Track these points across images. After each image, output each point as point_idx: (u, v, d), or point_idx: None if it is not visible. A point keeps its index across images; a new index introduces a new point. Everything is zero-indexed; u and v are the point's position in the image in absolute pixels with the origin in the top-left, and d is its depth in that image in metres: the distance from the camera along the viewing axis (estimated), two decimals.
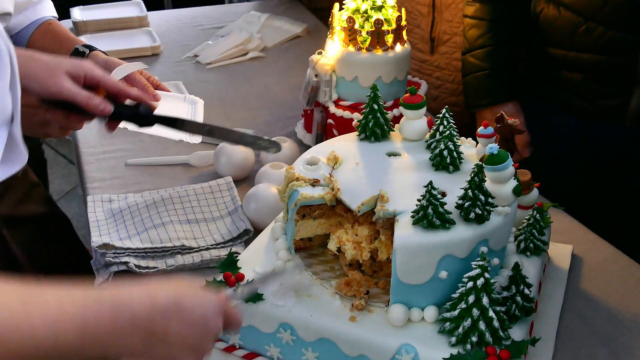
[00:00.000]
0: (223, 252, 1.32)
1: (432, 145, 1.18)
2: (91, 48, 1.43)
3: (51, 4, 1.61)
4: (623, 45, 1.49)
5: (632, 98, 1.52)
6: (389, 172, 1.14)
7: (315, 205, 1.12)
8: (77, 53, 1.42)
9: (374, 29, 1.55)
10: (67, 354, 0.70)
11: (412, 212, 1.00)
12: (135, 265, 1.28)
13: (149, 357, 0.77)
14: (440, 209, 0.98)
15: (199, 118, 1.74)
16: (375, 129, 1.23)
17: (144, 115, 1.13)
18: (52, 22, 1.52)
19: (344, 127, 1.59)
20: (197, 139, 1.70)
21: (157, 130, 1.18)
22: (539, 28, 1.63)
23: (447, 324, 0.99)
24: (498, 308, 0.98)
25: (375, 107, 1.23)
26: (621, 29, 1.48)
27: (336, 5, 1.62)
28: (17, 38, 1.50)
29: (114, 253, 1.30)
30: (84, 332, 0.70)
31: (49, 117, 1.11)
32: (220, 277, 1.06)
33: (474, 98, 1.72)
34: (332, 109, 1.63)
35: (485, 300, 0.95)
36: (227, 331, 0.86)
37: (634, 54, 1.48)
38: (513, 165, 1.06)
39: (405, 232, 0.99)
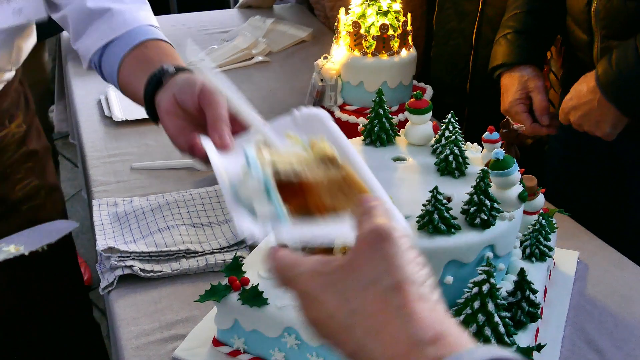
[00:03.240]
0: (228, 256, 1.32)
1: (438, 150, 1.18)
2: (179, 68, 1.04)
3: (148, 11, 1.23)
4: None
5: None
6: (394, 177, 1.14)
7: None
8: (161, 72, 1.03)
9: (379, 33, 1.55)
10: None
11: (417, 217, 1.00)
12: (140, 269, 1.28)
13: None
14: (446, 214, 0.98)
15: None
16: (381, 133, 1.23)
17: None
18: (149, 43, 1.16)
19: (349, 131, 1.58)
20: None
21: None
22: None
23: None
24: (504, 314, 0.97)
25: (381, 111, 1.23)
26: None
27: (342, 10, 1.62)
28: (108, 58, 1.16)
29: (118, 257, 1.30)
30: None
31: None
32: (225, 281, 1.06)
33: (494, 59, 1.71)
34: (338, 113, 1.63)
35: (490, 306, 0.95)
36: None
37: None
38: (519, 170, 1.06)
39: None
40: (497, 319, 0.95)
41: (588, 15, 1.48)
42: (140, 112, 1.87)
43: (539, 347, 1.01)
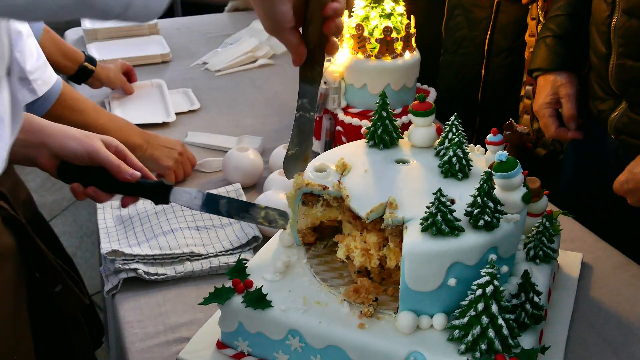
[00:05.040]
0: (232, 259, 1.33)
1: (441, 152, 1.18)
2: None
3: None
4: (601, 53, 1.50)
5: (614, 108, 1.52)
6: (397, 179, 1.14)
7: (318, 195, 1.13)
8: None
9: (382, 36, 1.55)
10: None
11: (421, 219, 1.00)
12: (145, 272, 1.28)
13: None
14: (449, 216, 0.98)
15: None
16: (384, 136, 1.23)
17: (164, 192, 1.09)
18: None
19: (353, 134, 1.60)
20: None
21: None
22: None
23: (456, 331, 0.98)
24: (507, 316, 0.97)
25: (384, 114, 1.23)
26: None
27: (345, 13, 1.63)
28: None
29: (123, 260, 1.30)
30: None
31: (74, 187, 1.12)
32: (229, 284, 1.07)
33: (533, 61, 1.70)
34: (341, 116, 1.63)
35: (494, 308, 0.95)
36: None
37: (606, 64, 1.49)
38: (522, 172, 1.06)
39: (414, 239, 0.99)
40: (501, 321, 0.95)
41: (608, 29, 1.46)
42: (143, 117, 1.88)
43: (543, 349, 1.01)
